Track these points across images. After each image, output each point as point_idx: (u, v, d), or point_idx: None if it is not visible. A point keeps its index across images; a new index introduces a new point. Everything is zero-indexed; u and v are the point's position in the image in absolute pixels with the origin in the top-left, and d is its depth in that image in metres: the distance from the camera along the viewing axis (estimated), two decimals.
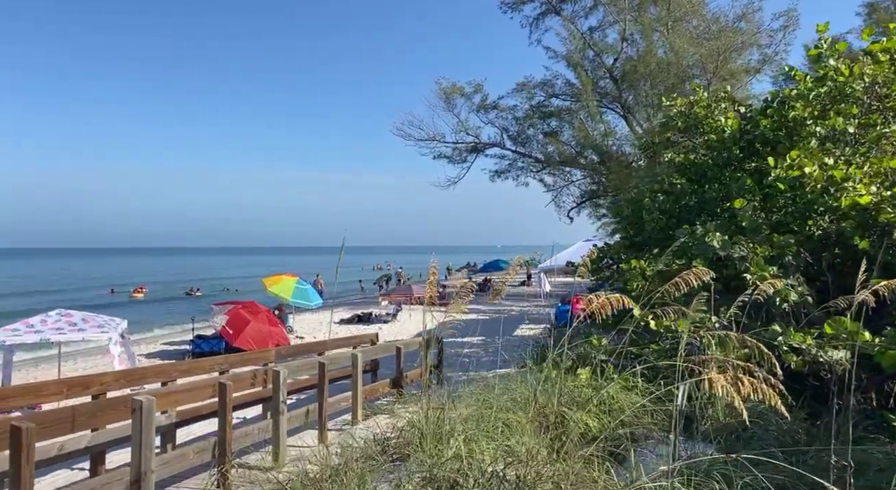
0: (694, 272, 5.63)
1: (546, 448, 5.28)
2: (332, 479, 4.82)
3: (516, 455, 4.67)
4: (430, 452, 5.18)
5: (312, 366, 8.06)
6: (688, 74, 29.09)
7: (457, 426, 5.60)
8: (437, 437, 5.42)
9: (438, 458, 4.72)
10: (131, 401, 5.04)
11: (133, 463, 5.08)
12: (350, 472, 4.69)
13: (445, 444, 5.23)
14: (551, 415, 6.19)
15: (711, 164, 12.10)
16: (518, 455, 4.73)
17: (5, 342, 11.14)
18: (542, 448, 5.29)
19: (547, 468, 4.19)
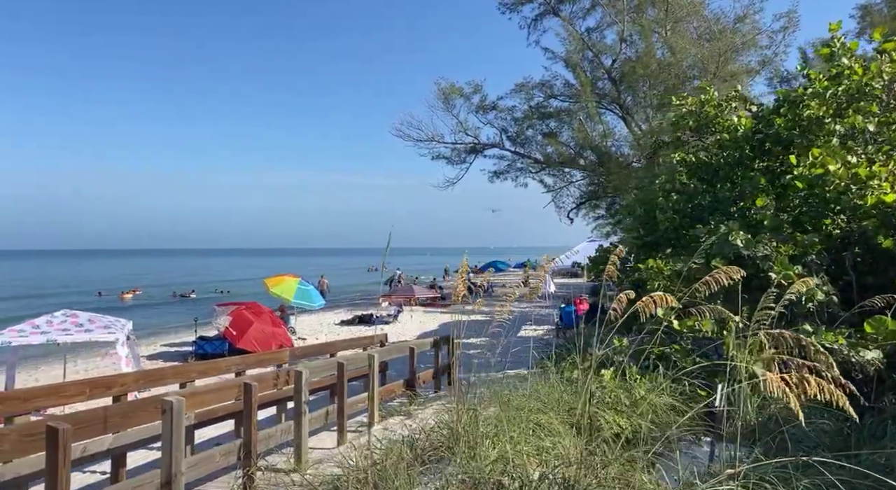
0: (724, 271, 5.55)
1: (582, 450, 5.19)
2: (378, 480, 4.70)
3: (561, 457, 4.58)
4: (466, 454, 5.08)
5: (332, 366, 7.94)
6: (688, 75, 29.05)
7: (490, 428, 5.50)
8: (471, 439, 5.32)
9: (480, 461, 4.61)
10: (161, 402, 4.92)
11: (163, 465, 4.96)
12: (398, 474, 4.57)
13: (481, 446, 5.13)
14: (583, 416, 6.08)
15: (723, 163, 12.05)
16: (561, 457, 4.64)
17: (11, 343, 10.97)
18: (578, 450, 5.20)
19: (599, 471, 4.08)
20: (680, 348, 8.11)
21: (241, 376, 8.39)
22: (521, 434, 5.29)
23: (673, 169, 15.50)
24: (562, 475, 4.20)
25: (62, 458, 3.89)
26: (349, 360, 8.30)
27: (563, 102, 37.03)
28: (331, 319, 27.81)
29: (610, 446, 5.12)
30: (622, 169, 32.51)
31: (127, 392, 6.36)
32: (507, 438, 5.14)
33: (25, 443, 3.86)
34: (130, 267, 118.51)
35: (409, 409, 9.64)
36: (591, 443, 5.49)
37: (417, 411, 9.61)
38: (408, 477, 4.54)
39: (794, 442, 5.49)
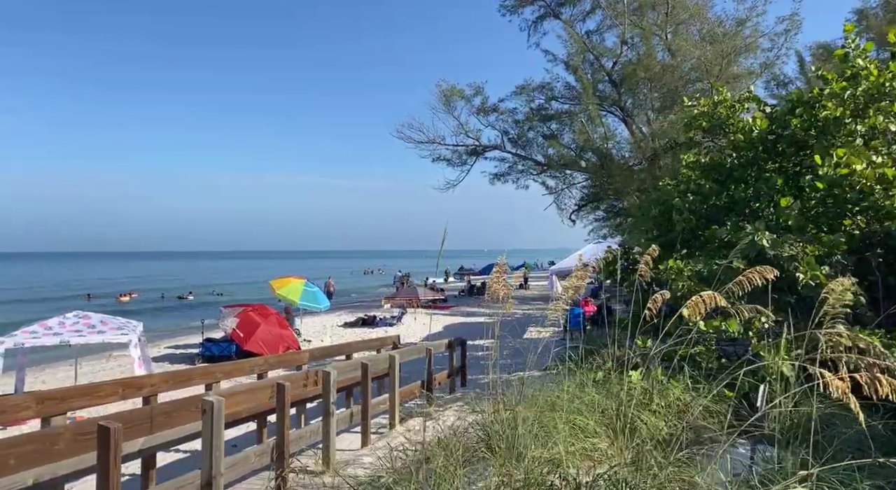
0: (759, 271, 5.53)
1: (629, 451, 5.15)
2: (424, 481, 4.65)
3: (611, 458, 4.54)
4: (507, 455, 5.03)
5: (356, 367, 7.89)
6: (690, 78, 29.11)
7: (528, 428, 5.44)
8: (511, 440, 5.26)
9: (528, 462, 4.56)
10: (202, 401, 4.87)
11: (203, 466, 4.91)
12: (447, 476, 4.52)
13: (521, 447, 5.08)
14: (618, 417, 6.03)
15: (737, 164, 12.05)
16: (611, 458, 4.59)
17: (24, 344, 10.90)
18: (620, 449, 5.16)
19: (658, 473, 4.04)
20: (706, 349, 8.08)
21: (263, 377, 8.33)
22: (561, 435, 5.24)
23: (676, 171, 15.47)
24: (617, 476, 4.15)
25: (114, 457, 3.85)
26: (373, 361, 8.24)
27: (564, 105, 37.10)
28: (333, 321, 27.72)
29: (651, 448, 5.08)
30: (623, 171, 32.55)
31: (156, 393, 6.31)
32: (548, 439, 5.09)
33: (79, 442, 3.81)
34: (118, 270, 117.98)
35: (430, 411, 9.60)
36: (630, 444, 5.45)
37: (438, 412, 9.57)
38: (455, 477, 4.47)
39: (841, 444, 5.45)
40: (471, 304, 35.20)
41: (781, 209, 9.33)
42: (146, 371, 11.82)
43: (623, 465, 4.23)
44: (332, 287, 36.88)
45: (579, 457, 4.84)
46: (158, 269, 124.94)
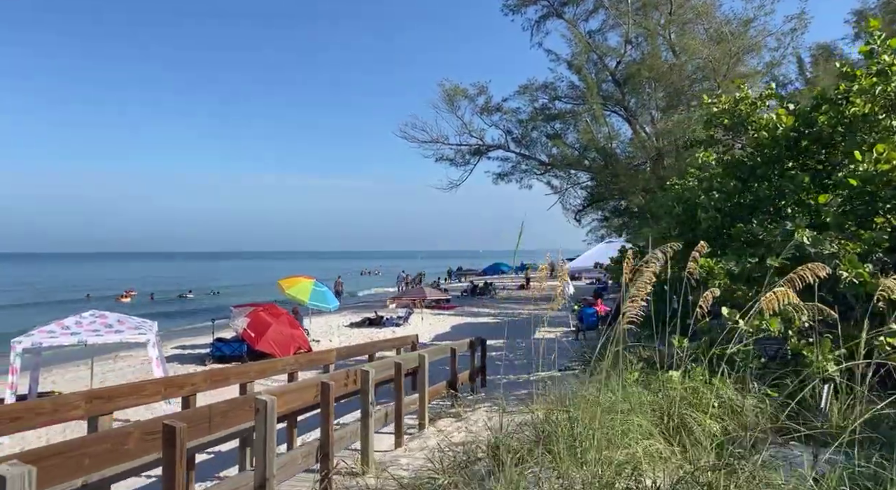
0: (810, 268, 5.42)
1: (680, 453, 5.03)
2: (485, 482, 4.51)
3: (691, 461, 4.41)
4: (566, 456, 4.89)
5: (389, 366, 7.76)
6: (696, 77, 29.06)
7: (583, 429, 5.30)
8: (570, 441, 5.13)
9: (598, 465, 4.42)
10: (255, 400, 4.73)
11: (257, 467, 4.77)
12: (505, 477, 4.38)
13: (582, 448, 4.94)
14: (670, 417, 5.90)
15: (761, 162, 11.95)
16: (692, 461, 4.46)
17: (42, 344, 10.74)
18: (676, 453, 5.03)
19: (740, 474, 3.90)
20: (745, 349, 7.95)
21: (293, 377, 8.20)
22: (630, 436, 5.11)
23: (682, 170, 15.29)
24: (700, 479, 4.01)
25: (179, 457, 3.73)
26: (405, 360, 8.12)
27: (567, 104, 37.05)
28: (339, 322, 27.56)
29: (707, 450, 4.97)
30: (628, 171, 32.49)
31: (196, 392, 6.18)
32: (609, 441, 4.95)
33: (146, 442, 3.68)
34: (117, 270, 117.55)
35: (459, 411, 9.48)
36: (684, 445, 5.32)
37: (467, 413, 9.45)
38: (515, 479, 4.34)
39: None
40: (474, 304, 35.07)
41: (819, 206, 9.22)
42: (163, 371, 11.66)
43: (705, 467, 4.09)
44: (342, 287, 36.81)
45: (658, 459, 4.71)
46: (157, 269, 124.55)
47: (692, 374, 7.35)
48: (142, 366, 18.09)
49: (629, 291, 5.11)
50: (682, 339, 8.72)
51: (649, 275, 4.63)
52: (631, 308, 4.51)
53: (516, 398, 9.91)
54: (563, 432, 5.24)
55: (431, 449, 7.79)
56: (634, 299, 4.46)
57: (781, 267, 8.92)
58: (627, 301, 4.59)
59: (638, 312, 4.50)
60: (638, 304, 4.45)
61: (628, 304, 4.55)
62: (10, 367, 10.26)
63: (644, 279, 4.63)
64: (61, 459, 3.12)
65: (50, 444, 3.31)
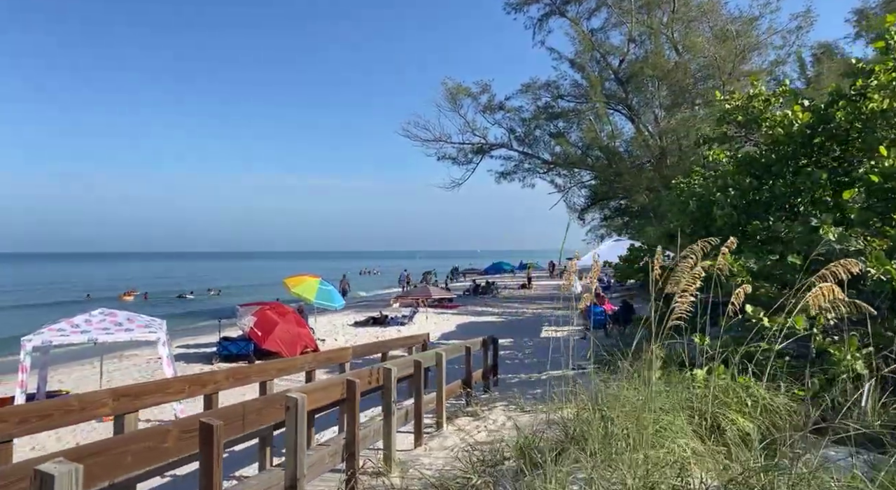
0: (842, 265, 5.32)
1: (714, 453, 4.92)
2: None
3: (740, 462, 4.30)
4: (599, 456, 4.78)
5: (409, 364, 7.65)
6: (702, 75, 28.99)
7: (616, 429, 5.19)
8: (604, 440, 5.01)
9: (642, 465, 4.31)
10: (285, 398, 4.62)
11: (287, 467, 4.67)
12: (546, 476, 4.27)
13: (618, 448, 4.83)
14: (703, 417, 5.78)
15: (775, 159, 11.86)
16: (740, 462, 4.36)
17: (52, 342, 10.61)
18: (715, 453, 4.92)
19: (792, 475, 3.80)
20: (769, 347, 7.85)
21: (311, 375, 8.09)
22: (655, 436, 5.00)
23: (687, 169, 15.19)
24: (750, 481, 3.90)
25: (216, 455, 3.63)
26: (424, 358, 8.01)
27: (570, 103, 36.98)
28: (343, 320, 27.44)
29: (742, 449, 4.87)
30: (632, 169, 32.42)
31: (219, 390, 6.08)
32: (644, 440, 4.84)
33: (184, 440, 3.58)
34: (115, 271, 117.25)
35: (476, 410, 9.37)
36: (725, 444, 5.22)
37: (484, 412, 9.34)
38: (561, 479, 4.23)
39: None
40: (477, 303, 34.98)
41: (839, 202, 9.13)
42: (173, 370, 11.54)
43: (757, 468, 3.98)
44: (348, 286, 36.76)
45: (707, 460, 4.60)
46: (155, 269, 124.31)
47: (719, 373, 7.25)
48: (147, 364, 17.98)
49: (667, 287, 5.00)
50: (703, 337, 8.62)
51: (698, 270, 4.52)
52: (680, 303, 4.39)
53: (532, 397, 9.82)
54: (598, 432, 5.13)
55: (452, 448, 7.69)
56: (684, 295, 4.34)
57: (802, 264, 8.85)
58: (676, 297, 4.47)
59: (688, 308, 4.38)
60: (687, 300, 4.34)
61: (678, 299, 4.44)
62: (20, 365, 10.13)
63: (692, 274, 4.51)
64: (105, 458, 3.02)
65: (93, 442, 3.22)
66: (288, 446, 4.68)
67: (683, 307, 4.36)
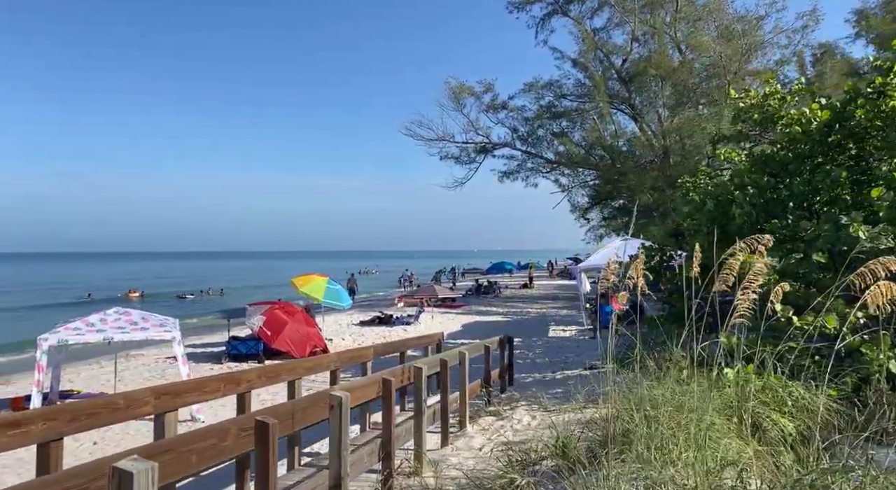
0: (882, 262, 5.25)
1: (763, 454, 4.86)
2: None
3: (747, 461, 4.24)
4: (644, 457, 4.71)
5: (436, 363, 7.59)
6: (707, 74, 28.97)
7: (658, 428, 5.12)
8: (648, 440, 4.95)
9: (698, 465, 4.24)
10: (329, 397, 4.56)
11: (331, 466, 4.61)
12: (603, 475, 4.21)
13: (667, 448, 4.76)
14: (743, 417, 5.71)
15: (792, 157, 11.83)
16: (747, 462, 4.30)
17: (68, 341, 10.53)
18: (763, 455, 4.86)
19: None
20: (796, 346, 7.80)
21: (336, 374, 8.03)
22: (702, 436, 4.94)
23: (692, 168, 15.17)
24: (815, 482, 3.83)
25: (272, 453, 3.58)
26: (450, 357, 7.96)
27: (573, 102, 36.95)
28: (347, 320, 27.36)
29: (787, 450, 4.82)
30: (636, 169, 32.40)
31: (251, 389, 6.01)
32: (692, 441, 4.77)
33: (241, 438, 3.53)
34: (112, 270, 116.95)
35: (499, 410, 9.31)
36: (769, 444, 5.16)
37: (507, 411, 9.28)
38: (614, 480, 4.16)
39: None
40: (480, 302, 34.92)
41: (857, 200, 9.10)
42: (187, 369, 11.48)
43: (821, 469, 3.91)
44: (356, 285, 36.80)
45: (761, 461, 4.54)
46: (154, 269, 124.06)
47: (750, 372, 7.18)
48: (156, 364, 17.89)
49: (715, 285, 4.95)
50: (730, 336, 8.54)
51: (760, 266, 4.46)
52: (743, 301, 4.33)
53: (552, 396, 9.76)
54: (643, 432, 5.06)
55: (479, 448, 7.63)
56: (746, 292, 4.28)
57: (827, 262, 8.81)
58: (739, 293, 4.40)
59: (750, 306, 4.32)
60: (749, 297, 4.27)
61: (740, 297, 4.37)
62: (36, 364, 10.04)
63: (755, 270, 4.45)
64: (173, 456, 2.96)
65: (161, 441, 3.18)
66: (332, 445, 4.62)
67: (746, 305, 4.29)
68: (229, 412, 8.47)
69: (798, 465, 4.27)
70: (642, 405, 5.29)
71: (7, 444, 3.57)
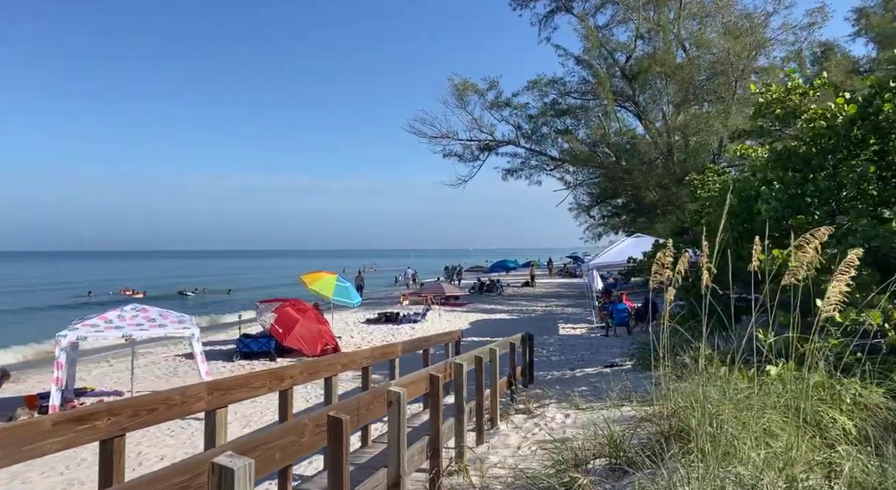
0: None
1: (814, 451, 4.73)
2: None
3: None
4: (712, 455, 4.57)
5: (471, 360, 7.46)
6: (715, 70, 28.87)
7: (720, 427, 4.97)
8: (714, 439, 4.80)
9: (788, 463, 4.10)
10: (387, 392, 4.42)
11: (390, 463, 4.47)
12: None
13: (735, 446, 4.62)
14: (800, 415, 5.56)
15: (815, 152, 11.72)
16: None
17: (87, 338, 10.37)
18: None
19: None
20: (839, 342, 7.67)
21: (367, 371, 7.90)
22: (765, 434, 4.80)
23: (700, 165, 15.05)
24: None
25: (345, 449, 3.45)
26: (483, 354, 7.83)
27: (577, 100, 36.83)
28: (353, 318, 27.22)
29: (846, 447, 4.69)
30: (642, 166, 32.30)
31: (294, 385, 5.89)
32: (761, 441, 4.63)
33: (317, 434, 3.39)
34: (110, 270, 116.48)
35: (528, 407, 9.17)
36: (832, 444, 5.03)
37: (538, 409, 9.13)
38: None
39: None
40: (484, 301, 34.79)
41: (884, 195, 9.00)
42: (206, 367, 11.34)
43: None
44: (363, 281, 36.74)
45: None
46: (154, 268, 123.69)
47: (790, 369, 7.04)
48: (165, 362, 17.73)
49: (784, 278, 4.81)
50: (766, 332, 8.39)
51: (852, 257, 4.33)
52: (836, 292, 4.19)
53: (580, 394, 9.61)
54: (707, 430, 4.92)
55: (517, 446, 7.49)
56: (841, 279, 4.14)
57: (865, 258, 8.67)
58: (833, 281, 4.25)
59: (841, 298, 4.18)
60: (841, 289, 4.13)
61: (833, 286, 4.23)
62: (55, 361, 9.88)
63: (848, 261, 4.32)
64: (261, 452, 2.84)
65: (248, 438, 3.05)
66: (391, 442, 4.48)
67: (839, 298, 4.15)
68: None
69: (882, 463, 4.13)
70: (703, 403, 5.14)
71: (75, 439, 3.44)
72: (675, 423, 5.35)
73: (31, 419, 3.47)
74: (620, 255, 19.10)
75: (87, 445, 3.96)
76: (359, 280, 36.45)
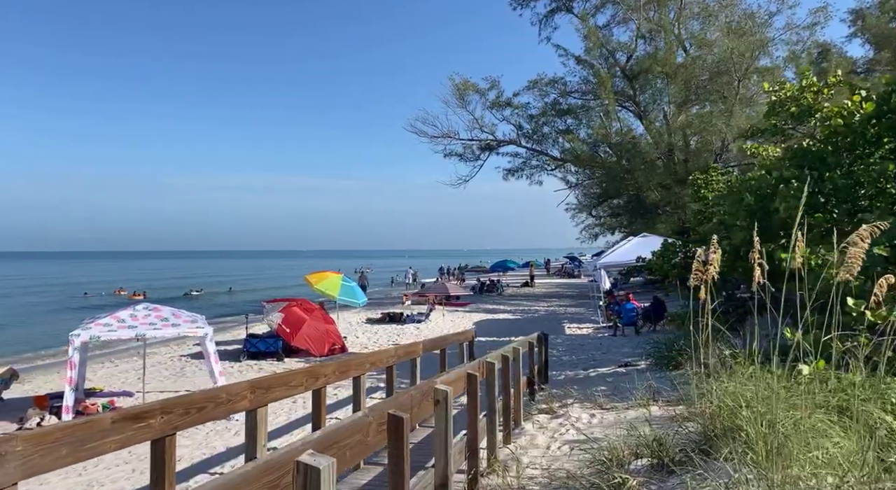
0: None
1: None
2: None
3: None
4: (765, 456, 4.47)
5: (500, 360, 7.37)
6: (718, 70, 28.85)
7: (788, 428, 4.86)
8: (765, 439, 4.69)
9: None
10: (434, 391, 4.33)
11: (438, 463, 4.39)
12: None
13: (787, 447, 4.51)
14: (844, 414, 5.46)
15: (831, 150, 11.68)
16: None
17: (100, 338, 10.23)
18: None
19: None
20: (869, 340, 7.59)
21: (391, 369, 7.81)
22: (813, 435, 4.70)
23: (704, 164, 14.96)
24: None
25: (406, 447, 3.36)
26: (510, 353, 7.75)
27: (577, 100, 36.81)
28: (356, 318, 27.09)
29: None
30: (644, 165, 32.26)
31: (328, 383, 5.81)
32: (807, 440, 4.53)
33: (380, 433, 3.30)
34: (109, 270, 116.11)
35: (551, 407, 9.08)
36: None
37: (561, 409, 9.03)
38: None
39: None
40: (486, 301, 34.68)
41: None
42: (219, 367, 11.21)
43: None
44: (367, 280, 36.68)
45: None
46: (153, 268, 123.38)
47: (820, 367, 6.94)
48: (171, 362, 17.58)
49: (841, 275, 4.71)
50: (793, 330, 8.29)
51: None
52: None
53: (601, 394, 9.51)
54: (758, 431, 4.82)
55: (546, 446, 7.39)
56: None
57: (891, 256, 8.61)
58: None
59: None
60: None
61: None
62: (68, 360, 9.74)
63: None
64: (335, 451, 2.73)
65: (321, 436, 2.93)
66: (438, 442, 4.39)
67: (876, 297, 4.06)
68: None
69: None
70: (754, 402, 5.04)
71: (131, 438, 3.34)
72: (720, 422, 5.24)
73: (91, 417, 3.36)
74: (628, 255, 19.06)
75: None
76: (362, 280, 36.35)
